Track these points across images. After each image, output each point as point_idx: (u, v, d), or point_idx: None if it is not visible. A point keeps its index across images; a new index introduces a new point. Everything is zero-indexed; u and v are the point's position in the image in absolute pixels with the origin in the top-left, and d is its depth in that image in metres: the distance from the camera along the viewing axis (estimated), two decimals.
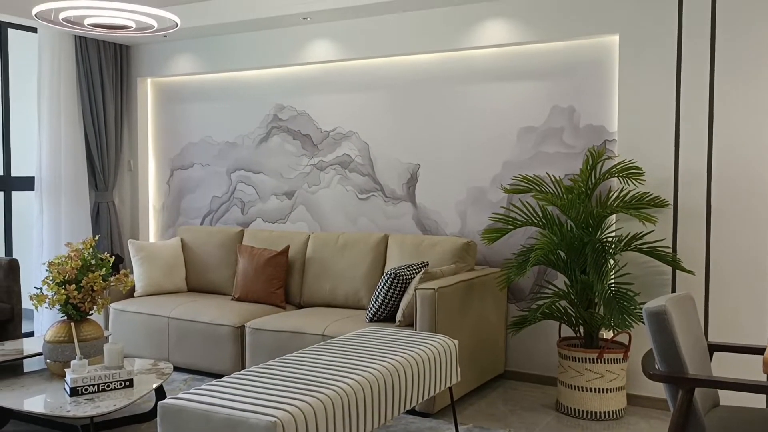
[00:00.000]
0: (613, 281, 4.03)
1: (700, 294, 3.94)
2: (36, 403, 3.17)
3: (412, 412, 3.89)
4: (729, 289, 3.88)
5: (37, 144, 5.46)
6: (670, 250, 4.00)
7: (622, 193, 3.98)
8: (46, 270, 3.59)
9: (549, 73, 4.41)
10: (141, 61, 5.97)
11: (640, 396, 4.12)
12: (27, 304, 5.27)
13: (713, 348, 2.81)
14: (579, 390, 3.85)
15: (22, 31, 5.44)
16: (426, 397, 3.16)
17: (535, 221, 4.00)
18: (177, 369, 4.78)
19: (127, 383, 3.34)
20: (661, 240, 4.00)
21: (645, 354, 2.62)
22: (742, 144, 3.82)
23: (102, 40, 5.74)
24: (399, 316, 4.04)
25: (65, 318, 3.61)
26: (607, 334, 4.20)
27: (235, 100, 5.63)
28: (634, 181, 4.02)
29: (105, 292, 4.19)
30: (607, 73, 4.23)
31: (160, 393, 3.60)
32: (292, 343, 4.18)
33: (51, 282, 3.55)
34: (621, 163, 3.98)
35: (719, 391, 3.78)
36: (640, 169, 3.93)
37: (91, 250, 3.67)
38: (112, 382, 3.29)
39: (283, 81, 5.40)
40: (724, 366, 3.89)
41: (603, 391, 3.82)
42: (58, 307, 3.56)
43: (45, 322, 5.49)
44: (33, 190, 5.51)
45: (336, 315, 4.40)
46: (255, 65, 5.40)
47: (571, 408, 3.90)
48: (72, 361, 3.28)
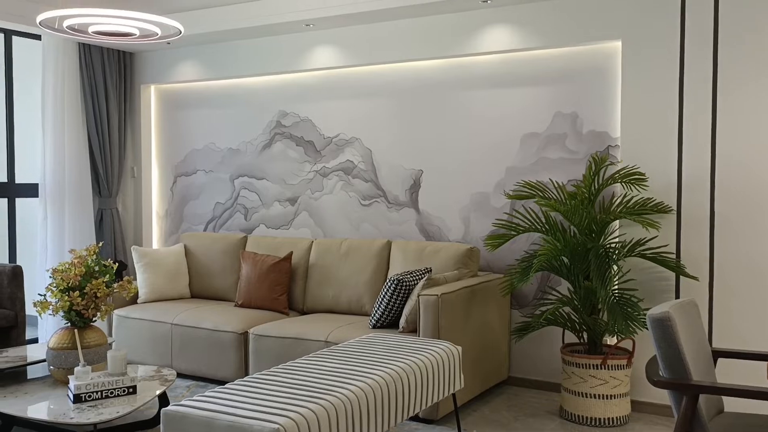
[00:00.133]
0: (616, 287, 4.03)
1: (704, 300, 3.93)
2: (39, 410, 3.17)
3: (415, 418, 3.88)
4: (733, 295, 3.87)
5: (41, 151, 5.48)
6: (674, 256, 3.99)
7: (626, 199, 3.97)
8: (50, 277, 3.60)
9: (552, 79, 4.41)
10: (144, 68, 5.99)
11: (644, 402, 4.10)
12: (31, 310, 5.28)
13: (717, 354, 2.80)
14: (583, 396, 3.84)
15: (26, 39, 5.46)
16: (429, 403, 3.16)
17: (539, 227, 4.00)
18: (180, 375, 4.78)
19: (131, 390, 3.34)
20: (665, 246, 3.99)
21: (649, 360, 2.61)
22: (745, 149, 3.82)
23: (106, 48, 5.76)
24: (402, 322, 4.04)
25: (69, 325, 3.62)
26: (610, 341, 4.19)
27: (238, 107, 5.65)
28: (637, 186, 4.02)
29: (108, 298, 4.19)
30: (610, 79, 4.24)
31: (164, 400, 3.60)
32: (296, 349, 4.18)
33: (55, 289, 3.56)
34: (624, 168, 3.98)
35: (723, 397, 3.77)
36: (643, 174, 3.93)
37: (94, 256, 3.67)
38: (115, 389, 3.29)
39: (286, 87, 5.41)
40: (728, 372, 3.88)
41: (607, 398, 3.81)
42: (62, 314, 3.57)
43: (49, 329, 5.49)
44: (37, 196, 5.53)
45: (339, 321, 4.40)
46: (258, 72, 5.41)
47: (575, 414, 3.89)
48: (75, 368, 3.28)
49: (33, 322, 5.66)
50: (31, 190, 5.54)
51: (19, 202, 5.55)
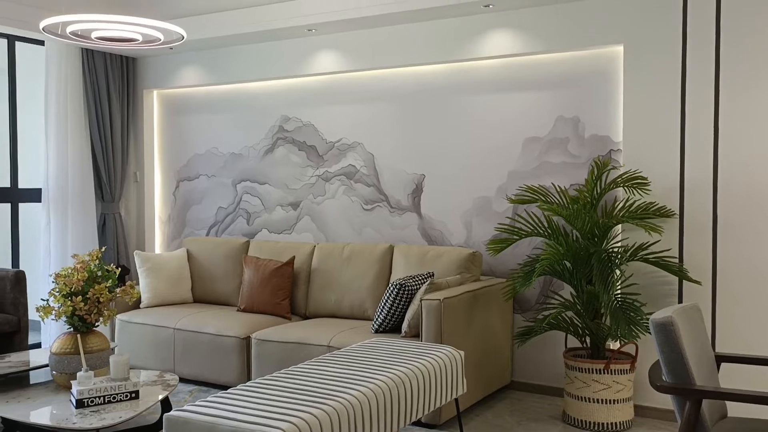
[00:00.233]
0: (619, 291, 4.02)
1: (707, 304, 3.92)
2: (42, 415, 3.18)
3: (418, 423, 3.87)
4: (736, 299, 3.86)
5: (44, 156, 5.49)
6: (677, 260, 3.99)
7: (628, 203, 3.97)
8: (53, 281, 3.60)
9: (554, 84, 4.42)
10: (147, 73, 6.00)
11: (647, 407, 4.09)
12: (34, 315, 5.29)
13: (721, 359, 2.79)
14: (586, 401, 3.84)
15: (29, 44, 5.48)
16: (432, 408, 3.15)
17: (541, 231, 4.00)
18: (183, 380, 4.78)
19: (133, 395, 3.34)
20: (668, 250, 3.99)
21: (652, 365, 2.61)
22: (748, 153, 3.81)
23: (108, 53, 5.78)
24: (405, 326, 4.03)
25: (71, 330, 3.62)
26: (613, 345, 4.18)
27: (240, 112, 5.66)
28: (639, 190, 4.02)
29: (111, 303, 4.20)
30: (612, 83, 4.24)
31: (166, 405, 3.60)
32: (298, 354, 4.18)
33: (57, 294, 3.56)
34: (626, 173, 3.98)
35: (727, 402, 3.76)
36: (646, 179, 3.93)
37: (97, 261, 3.68)
38: (117, 394, 3.30)
39: (289, 92, 5.42)
40: (731, 377, 3.87)
41: (610, 402, 3.80)
42: (65, 319, 3.57)
43: (52, 334, 5.50)
44: (40, 201, 5.54)
45: (341, 326, 4.39)
46: (260, 77, 5.42)
47: (578, 419, 3.88)
48: (78, 373, 3.29)
49: (36, 327, 5.67)
50: (34, 195, 5.55)
51: (21, 207, 5.56)
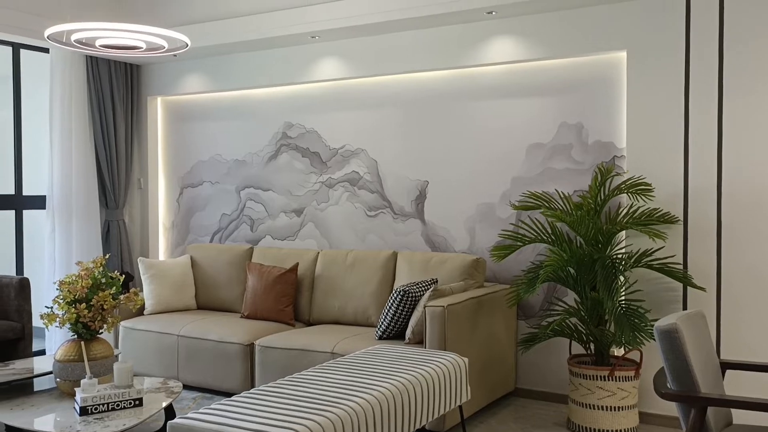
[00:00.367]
0: (623, 298, 4.01)
1: (711, 311, 3.91)
2: (46, 422, 3.18)
3: (422, 430, 3.86)
4: (741, 305, 3.84)
5: (49, 163, 5.50)
6: (681, 267, 3.98)
7: (632, 209, 3.96)
8: (57, 289, 3.61)
9: (557, 90, 4.42)
10: (151, 80, 6.02)
11: (652, 414, 4.08)
12: (38, 322, 5.29)
13: (725, 366, 2.78)
14: (590, 408, 3.82)
15: (34, 52, 5.50)
16: (436, 415, 3.15)
17: (545, 238, 3.99)
18: (186, 387, 4.78)
19: (137, 402, 3.34)
20: (672, 256, 3.98)
21: (657, 372, 2.60)
22: (752, 159, 3.81)
23: (113, 60, 5.80)
24: (408, 333, 4.03)
25: (75, 337, 3.62)
26: (618, 352, 4.17)
27: (244, 119, 5.67)
28: (643, 197, 4.01)
29: (115, 310, 4.20)
30: (615, 89, 4.24)
31: (170, 412, 3.60)
32: (302, 360, 4.17)
33: (61, 301, 3.57)
34: (630, 179, 3.97)
35: (732, 409, 3.74)
36: (650, 185, 3.92)
37: (101, 268, 3.68)
38: (121, 401, 3.29)
39: (292, 99, 5.44)
40: (736, 384, 3.85)
41: (615, 409, 3.79)
42: (69, 326, 3.58)
43: (57, 340, 5.50)
44: (44, 208, 5.55)
45: (345, 333, 4.39)
46: (264, 83, 5.44)
47: (582, 426, 3.86)
48: (82, 380, 3.29)
49: (40, 333, 5.67)
50: (38, 202, 5.57)
51: (26, 214, 5.57)
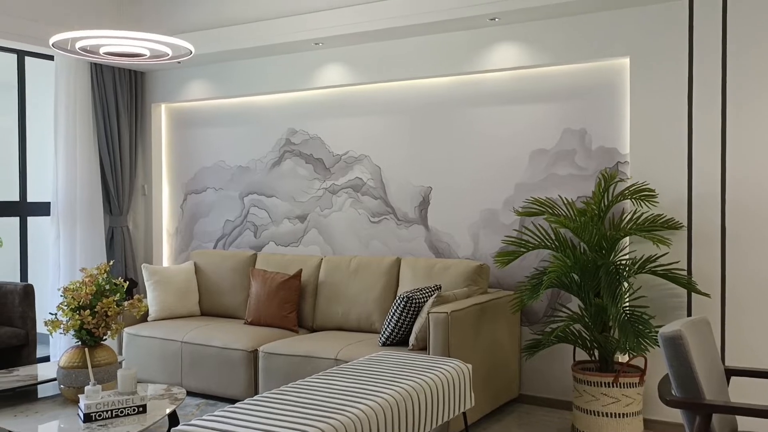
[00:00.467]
0: (627, 304, 4.00)
1: (716, 317, 3.90)
2: (50, 429, 3.18)
3: None
4: (745, 311, 3.83)
5: (53, 170, 5.52)
6: (685, 273, 3.97)
7: (636, 215, 3.96)
8: (61, 295, 3.61)
9: (560, 96, 4.42)
10: (155, 87, 6.04)
11: (657, 421, 4.06)
12: (42, 329, 5.30)
13: (730, 372, 2.77)
14: (595, 415, 3.81)
15: (39, 59, 5.53)
16: (440, 422, 3.14)
17: (548, 244, 3.99)
18: (190, 393, 4.78)
19: (141, 409, 3.34)
20: (676, 262, 3.97)
21: (661, 379, 2.59)
22: (755, 164, 3.80)
23: (117, 67, 5.82)
24: (412, 340, 4.02)
25: (79, 343, 3.63)
26: (622, 358, 4.16)
27: (247, 125, 5.68)
28: (647, 203, 4.01)
29: (119, 317, 4.20)
30: (619, 95, 4.24)
31: (174, 419, 3.59)
32: (305, 367, 4.17)
33: (66, 307, 3.57)
34: (634, 185, 3.97)
35: (737, 416, 3.72)
36: (653, 191, 3.92)
37: (105, 275, 3.69)
38: (125, 408, 3.29)
39: (296, 105, 5.45)
40: (741, 391, 3.84)
41: (619, 416, 3.77)
42: (73, 333, 3.58)
43: (61, 346, 5.51)
44: (48, 215, 5.56)
45: (349, 339, 4.39)
46: (267, 90, 5.45)
47: None
48: (86, 387, 3.29)
49: (45, 340, 5.68)
50: (42, 209, 5.58)
51: (30, 220, 5.59)
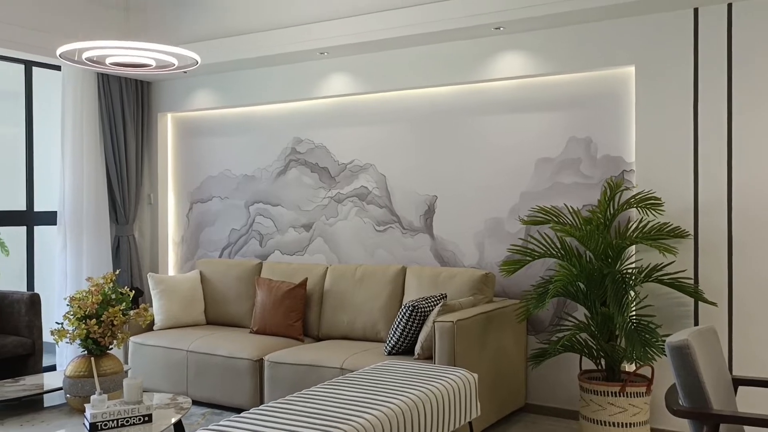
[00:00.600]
0: (634, 313, 3.99)
1: (723, 326, 3.88)
2: None
3: None
4: (753, 320, 3.81)
5: (60, 179, 5.54)
6: (692, 282, 3.95)
7: (641, 224, 3.95)
8: (67, 305, 3.62)
9: (565, 105, 4.42)
10: (161, 96, 6.07)
11: (664, 430, 4.04)
12: (49, 338, 5.31)
13: (738, 382, 2.76)
14: (602, 424, 3.79)
15: (46, 70, 5.56)
16: (446, 431, 3.13)
17: (554, 252, 3.98)
18: (195, 403, 4.77)
19: (146, 418, 3.33)
20: (682, 271, 3.95)
21: (668, 389, 2.58)
22: (762, 173, 3.79)
23: (124, 77, 5.85)
24: (418, 349, 4.02)
25: (85, 352, 3.63)
26: (629, 367, 4.14)
27: (253, 134, 5.70)
28: (653, 211, 3.99)
29: (125, 326, 4.21)
30: (624, 103, 4.24)
31: (179, 428, 3.59)
32: (311, 376, 4.16)
33: (72, 317, 3.58)
34: (639, 193, 3.96)
35: (745, 426, 3.70)
36: (659, 199, 3.91)
37: (111, 284, 3.70)
38: (131, 417, 3.29)
39: (301, 114, 5.46)
40: (749, 401, 3.81)
41: (626, 426, 3.75)
42: (79, 342, 3.59)
43: (68, 355, 5.51)
44: (55, 224, 5.58)
45: (354, 348, 4.38)
46: (273, 99, 5.47)
47: None
48: (92, 396, 3.29)
49: (51, 349, 5.68)
50: (49, 218, 5.60)
51: (37, 230, 5.61)
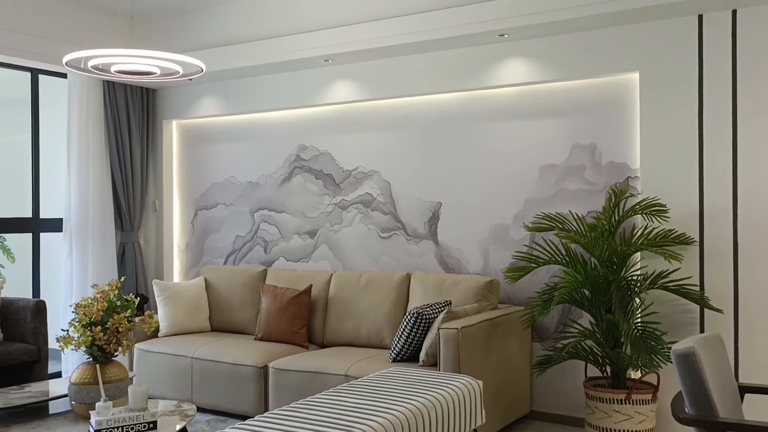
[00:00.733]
0: (639, 320, 3.97)
1: (729, 333, 3.86)
2: None
3: None
4: (759, 327, 3.80)
5: (66, 186, 5.56)
6: (697, 288, 3.94)
7: (647, 231, 3.94)
8: (73, 312, 3.63)
9: (570, 111, 4.42)
10: (167, 103, 6.09)
11: None
12: (54, 344, 5.32)
13: (744, 390, 2.75)
14: None
15: (52, 77, 5.59)
16: None
17: (559, 259, 3.97)
18: (200, 410, 4.77)
19: (151, 425, 3.34)
20: (688, 278, 3.94)
21: (674, 396, 2.57)
22: (767, 179, 3.78)
23: (129, 85, 5.88)
24: (422, 355, 4.01)
25: (91, 359, 3.64)
26: (634, 375, 4.12)
27: (258, 141, 5.71)
28: (658, 218, 3.99)
29: (130, 333, 4.22)
30: (628, 110, 4.24)
31: None
32: (315, 383, 4.16)
33: (77, 324, 3.59)
34: (644, 200, 3.95)
35: None
36: (664, 206, 3.90)
37: (116, 291, 3.71)
38: (136, 425, 3.30)
39: (306, 121, 5.47)
40: (756, 408, 3.79)
41: None
42: (84, 349, 3.59)
43: (74, 362, 5.53)
44: (61, 231, 5.60)
45: (359, 355, 4.38)
46: (277, 106, 5.48)
47: None
48: (97, 403, 3.29)
49: (56, 356, 5.70)
50: (55, 225, 5.62)
51: (42, 237, 5.62)
